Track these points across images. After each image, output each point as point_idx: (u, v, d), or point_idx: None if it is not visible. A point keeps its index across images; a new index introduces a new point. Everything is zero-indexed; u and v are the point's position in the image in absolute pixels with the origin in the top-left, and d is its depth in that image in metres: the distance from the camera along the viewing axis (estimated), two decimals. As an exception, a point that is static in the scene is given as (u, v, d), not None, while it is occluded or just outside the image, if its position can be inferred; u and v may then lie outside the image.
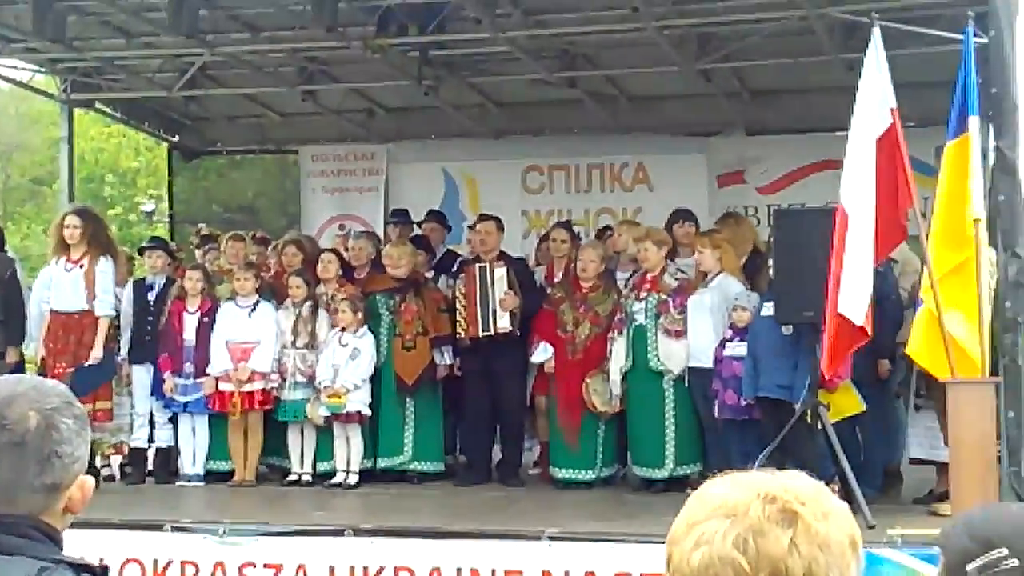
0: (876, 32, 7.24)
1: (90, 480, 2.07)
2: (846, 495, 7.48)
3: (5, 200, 31.96)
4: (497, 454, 10.04)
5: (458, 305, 9.76)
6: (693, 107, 11.91)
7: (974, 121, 7.07)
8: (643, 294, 9.22)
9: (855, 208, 7.17)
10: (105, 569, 1.91)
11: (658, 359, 9.11)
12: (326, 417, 9.74)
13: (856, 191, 7.22)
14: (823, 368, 7.84)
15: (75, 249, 9.62)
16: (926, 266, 7.20)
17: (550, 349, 9.50)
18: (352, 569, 7.53)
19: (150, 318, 10.18)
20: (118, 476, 10.36)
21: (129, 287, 10.37)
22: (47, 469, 2.00)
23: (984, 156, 7.43)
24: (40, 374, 8.88)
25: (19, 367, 9.49)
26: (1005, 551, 1.95)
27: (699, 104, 11.86)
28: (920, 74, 8.61)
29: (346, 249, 10.79)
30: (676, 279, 9.21)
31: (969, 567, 1.98)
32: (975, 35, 7.30)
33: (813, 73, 10.48)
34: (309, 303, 9.93)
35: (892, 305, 8.25)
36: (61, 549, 2.01)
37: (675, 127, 12.18)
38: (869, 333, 7.26)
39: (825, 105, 10.48)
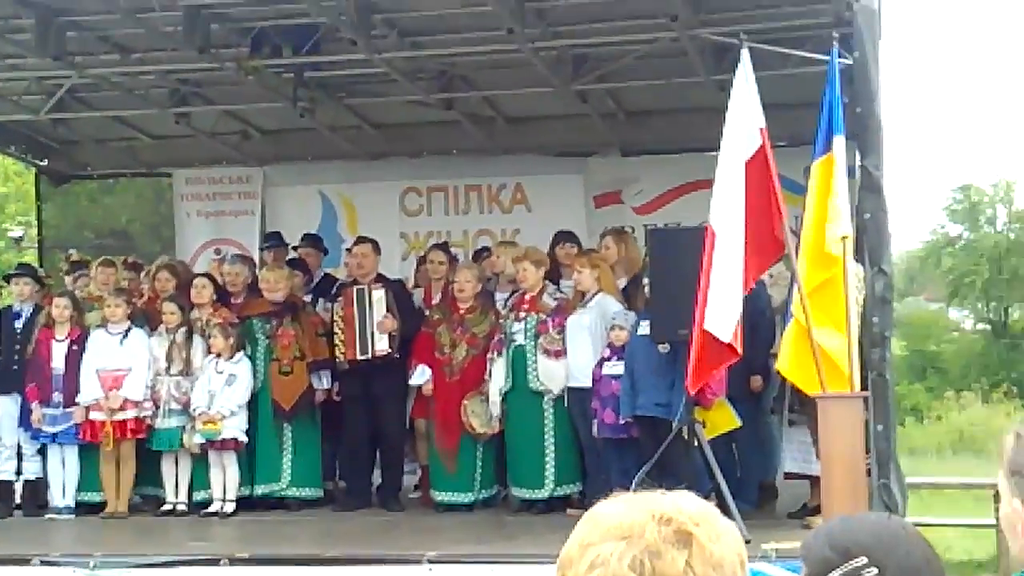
0: (745, 53, 7.38)
1: None
2: (722, 510, 7.74)
3: None
4: (377, 479, 9.96)
5: (336, 328, 9.75)
6: (570, 128, 11.99)
7: (839, 140, 7.25)
8: (522, 314, 9.28)
9: (723, 227, 7.29)
10: None
11: (538, 379, 9.15)
12: (201, 445, 9.62)
13: (725, 211, 7.34)
14: (687, 384, 7.93)
15: None
16: (796, 282, 7.30)
17: (428, 372, 9.52)
18: None
19: (17, 347, 10.05)
20: None
21: None
22: None
23: (851, 174, 7.56)
24: None
25: None
26: (864, 560, 1.94)
27: (575, 125, 11.93)
28: (789, 95, 8.78)
29: (221, 274, 10.63)
30: (555, 299, 9.24)
31: None
32: (840, 56, 7.48)
33: (686, 94, 10.60)
34: (183, 329, 9.84)
35: (765, 321, 8.43)
36: None
37: (552, 148, 12.24)
38: (739, 351, 7.35)
39: (699, 125, 10.59)
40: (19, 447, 10.10)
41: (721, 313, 7.20)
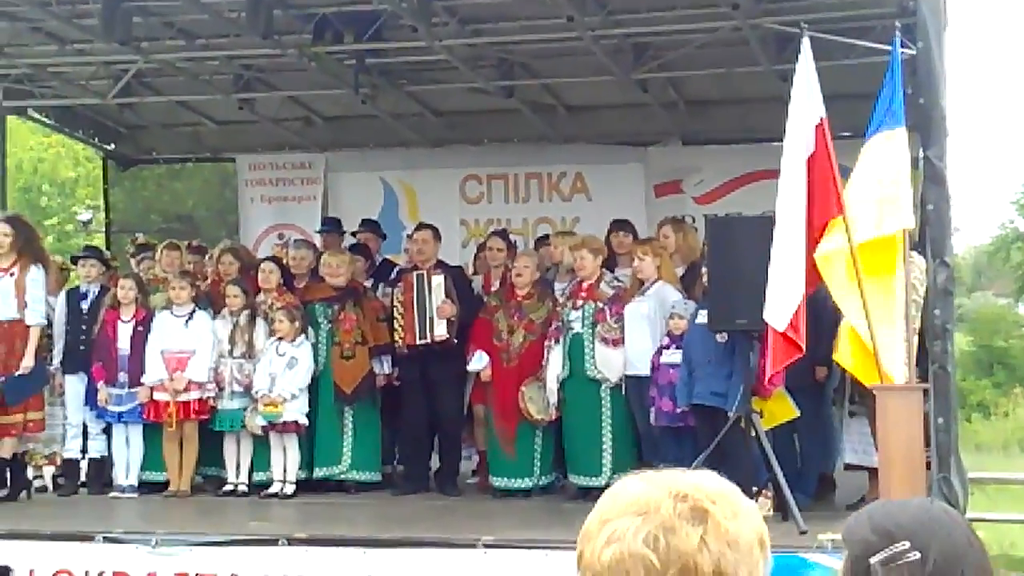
0: (806, 42, 7.33)
1: None
2: (779, 502, 7.70)
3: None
4: (435, 463, 10.00)
5: (395, 314, 9.73)
6: (630, 117, 11.93)
7: (901, 131, 7.16)
8: (580, 303, 9.26)
9: (785, 220, 7.21)
10: (7, 570, 1.94)
11: (595, 367, 9.13)
12: (263, 427, 9.66)
13: (787, 204, 7.26)
14: (764, 377, 7.96)
15: (5, 258, 9.57)
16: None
17: (485, 357, 9.51)
18: None
19: (83, 327, 10.11)
20: (51, 487, 10.22)
21: (63, 296, 10.29)
22: None
23: (914, 166, 7.50)
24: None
25: None
26: (907, 544, 1.89)
27: (635, 114, 11.89)
28: (851, 85, 8.71)
29: (285, 258, 10.71)
30: (613, 287, 9.19)
31: (872, 560, 1.90)
32: (903, 46, 7.36)
33: (747, 83, 10.57)
34: (246, 312, 9.87)
35: (827, 312, 8.28)
36: None
37: (612, 137, 12.21)
38: (800, 343, 7.27)
39: (760, 115, 10.61)
40: (84, 426, 10.15)
41: (779, 303, 7.15)
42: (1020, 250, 31.96)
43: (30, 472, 9.98)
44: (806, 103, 7.26)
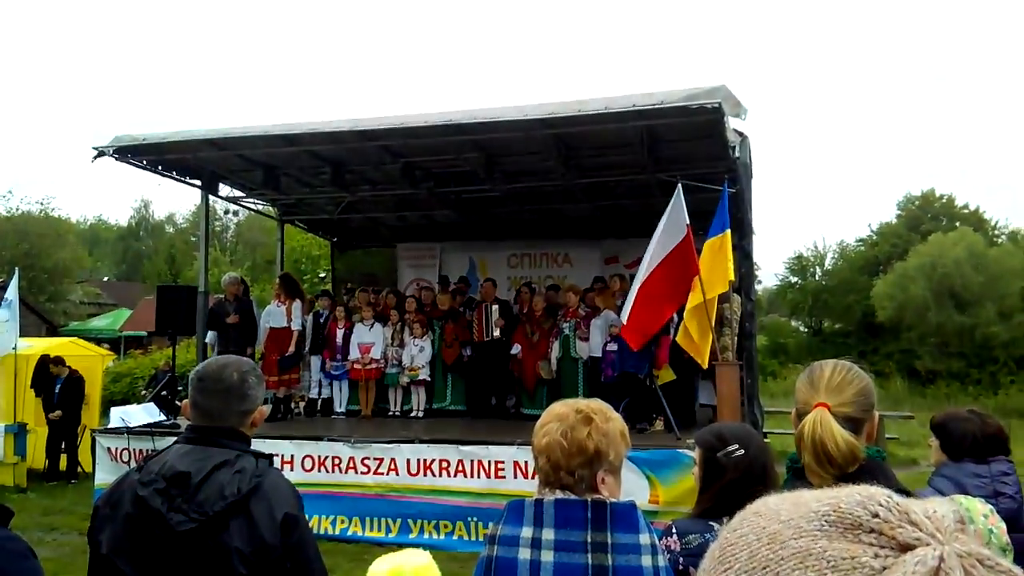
0: (679, 187, 7.52)
1: (266, 409, 2.16)
2: (666, 422, 7.90)
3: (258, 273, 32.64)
4: (493, 400, 10.09)
5: (474, 324, 9.96)
6: (592, 224, 11.85)
7: (727, 232, 7.31)
8: (568, 318, 9.50)
9: (640, 278, 7.47)
10: (270, 457, 2.12)
11: (576, 351, 9.36)
12: (408, 382, 9.94)
13: (644, 269, 7.48)
14: (659, 358, 8.28)
15: (283, 296, 9.84)
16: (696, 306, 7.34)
17: (519, 347, 9.74)
18: (418, 461, 7.54)
19: (320, 331, 10.26)
20: (302, 413, 10.29)
21: (311, 316, 10.33)
22: (243, 402, 2.11)
23: (733, 248, 7.68)
24: (258, 362, 9.11)
25: (251, 356, 9.30)
26: (736, 445, 2.07)
27: (595, 222, 11.77)
28: (702, 206, 8.62)
29: (420, 295, 10.84)
30: (584, 311, 9.43)
31: (718, 455, 2.09)
32: (729, 187, 7.60)
33: (652, 205, 10.28)
34: (400, 323, 10.13)
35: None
36: (249, 445, 2.11)
37: (584, 234, 12.12)
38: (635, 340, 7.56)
39: (654, 221, 10.68)
40: (320, 381, 10.29)
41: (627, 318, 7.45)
42: (791, 292, 34.04)
43: (292, 405, 10.11)
44: (678, 215, 7.37)
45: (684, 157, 8.63)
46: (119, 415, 8.46)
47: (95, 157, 8.46)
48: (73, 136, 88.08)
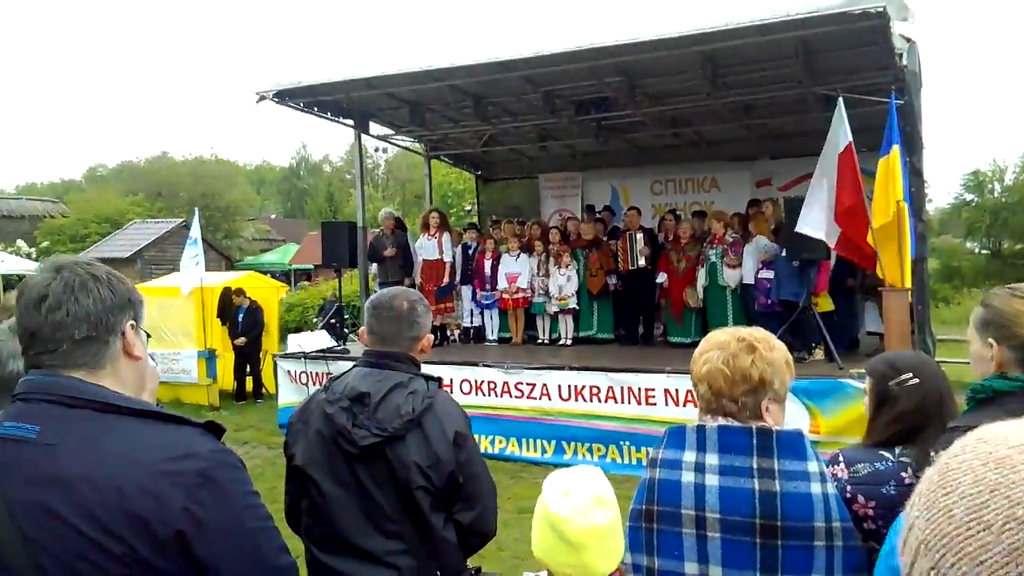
0: (840, 101, 7.07)
1: (431, 337, 2.28)
2: (827, 351, 7.63)
3: (408, 207, 34.00)
4: (641, 328, 10.04)
5: (619, 252, 9.81)
6: (742, 145, 11.40)
7: (896, 148, 6.87)
8: (715, 245, 9.19)
9: (815, 197, 7.09)
10: (439, 379, 2.23)
11: (724, 279, 9.07)
12: (556, 311, 9.98)
13: (818, 188, 7.14)
14: (818, 285, 7.93)
15: (433, 228, 10.11)
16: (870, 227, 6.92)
17: (664, 275, 9.56)
18: (569, 387, 7.63)
19: (469, 263, 10.44)
20: (458, 340, 10.61)
21: (460, 247, 10.50)
22: (412, 328, 2.22)
23: (903, 164, 7.23)
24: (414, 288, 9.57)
25: (412, 285, 9.47)
26: (910, 374, 2.01)
27: (745, 143, 11.35)
28: (867, 122, 8.15)
29: (564, 225, 10.91)
30: (732, 237, 9.09)
31: (891, 383, 2.02)
32: (897, 98, 7.10)
33: (805, 123, 9.93)
34: (545, 253, 10.16)
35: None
36: (420, 369, 2.23)
37: (731, 156, 11.65)
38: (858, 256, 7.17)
39: (812, 141, 10.03)
40: (471, 310, 10.58)
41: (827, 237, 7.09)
42: (966, 211, 30.40)
43: (448, 332, 10.45)
44: (840, 132, 6.96)
45: (845, 68, 8.13)
46: (296, 341, 9.25)
47: (258, 100, 9.08)
48: (235, 87, 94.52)
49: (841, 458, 2.00)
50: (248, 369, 11.51)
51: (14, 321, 1.50)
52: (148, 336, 1.42)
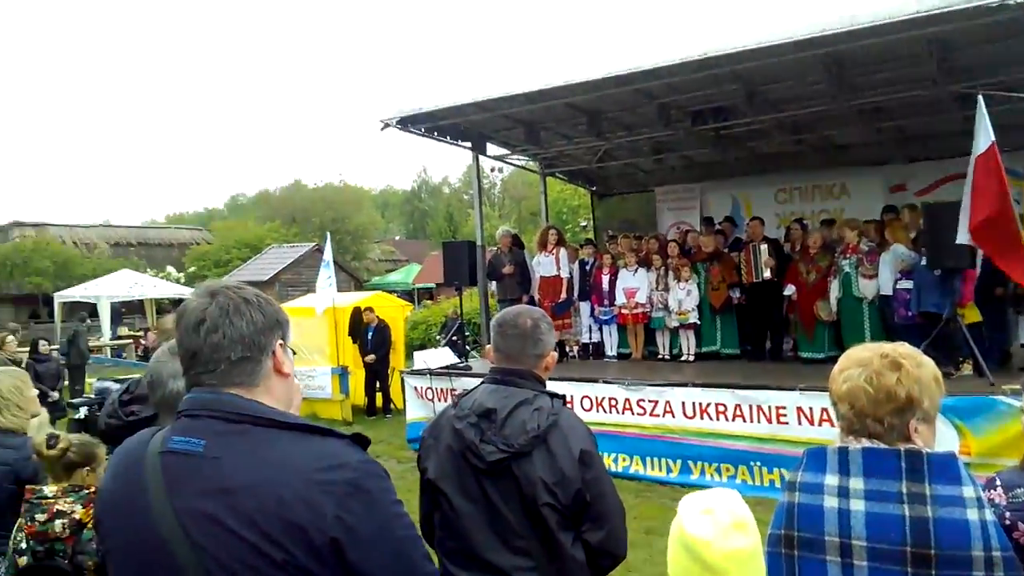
0: (980, 99, 6.61)
1: (556, 354, 2.30)
2: (976, 366, 7.14)
3: (524, 225, 34.46)
4: (768, 344, 9.72)
5: (741, 265, 9.56)
6: (872, 149, 10.88)
7: None
8: (848, 255, 8.76)
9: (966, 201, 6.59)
10: (564, 397, 2.23)
11: (859, 291, 8.64)
12: (676, 326, 9.79)
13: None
14: (964, 295, 7.38)
15: (551, 245, 10.17)
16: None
17: (793, 288, 9.20)
18: (693, 404, 7.47)
19: (587, 278, 10.45)
20: (576, 356, 10.53)
21: (577, 263, 10.55)
22: (536, 346, 2.23)
23: None
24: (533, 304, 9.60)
25: (530, 302, 9.63)
26: None
27: (876, 147, 10.83)
28: (1007, 120, 7.59)
29: (683, 238, 10.75)
30: (867, 246, 8.63)
31: None
32: None
33: (942, 124, 9.41)
34: (663, 267, 10.01)
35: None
36: (544, 386, 2.24)
37: (861, 161, 11.11)
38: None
39: (949, 142, 9.46)
40: (590, 327, 10.52)
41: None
42: None
43: (566, 349, 10.35)
44: (981, 133, 6.48)
45: (984, 64, 7.69)
46: (421, 358, 9.55)
47: (382, 128, 9.57)
48: (360, 115, 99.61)
49: (998, 482, 1.90)
50: (378, 385, 11.97)
51: (173, 343, 1.61)
52: (294, 353, 1.51)
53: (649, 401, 7.71)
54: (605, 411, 7.93)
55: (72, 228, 33.89)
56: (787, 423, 6.97)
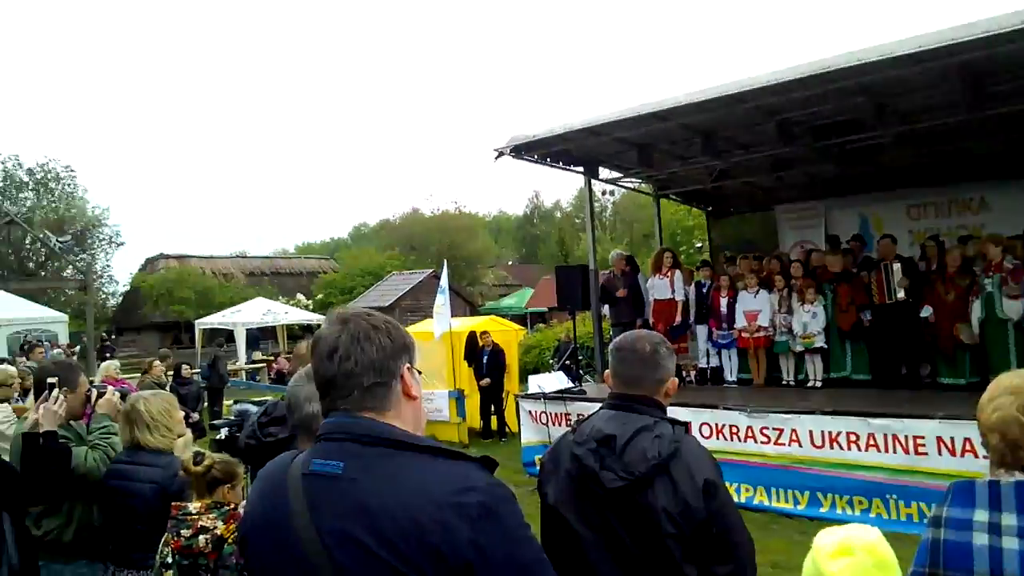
0: None
1: (676, 380, 2.27)
2: None
3: (636, 247, 34.21)
4: (904, 369, 9.11)
5: (872, 286, 9.09)
6: (1016, 162, 9.97)
7: None
8: (991, 273, 8.17)
9: None
10: (686, 424, 2.19)
11: (1003, 312, 8.03)
12: (802, 350, 9.41)
13: None
14: None
15: (664, 267, 10.12)
16: None
17: (930, 309, 8.66)
18: (822, 433, 7.16)
19: (704, 301, 10.20)
20: (694, 381, 10.34)
21: (693, 286, 10.37)
22: (656, 371, 2.21)
23: None
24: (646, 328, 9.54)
25: (644, 325, 9.68)
26: None
27: (1019, 158, 9.89)
28: None
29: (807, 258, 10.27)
30: (1012, 264, 8.01)
31: None
32: None
33: None
34: (786, 288, 9.69)
35: None
36: (665, 412, 2.21)
37: (1003, 175, 10.24)
38: None
39: None
40: (708, 351, 10.26)
41: None
42: None
43: (683, 374, 10.16)
44: None
45: None
46: (535, 382, 9.62)
47: (496, 157, 9.77)
48: (474, 144, 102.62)
49: None
50: (493, 408, 12.14)
51: (310, 367, 1.66)
52: (420, 373, 1.53)
53: (774, 429, 7.44)
54: (726, 439, 7.72)
55: (211, 259, 36.79)
56: (926, 454, 6.58)
